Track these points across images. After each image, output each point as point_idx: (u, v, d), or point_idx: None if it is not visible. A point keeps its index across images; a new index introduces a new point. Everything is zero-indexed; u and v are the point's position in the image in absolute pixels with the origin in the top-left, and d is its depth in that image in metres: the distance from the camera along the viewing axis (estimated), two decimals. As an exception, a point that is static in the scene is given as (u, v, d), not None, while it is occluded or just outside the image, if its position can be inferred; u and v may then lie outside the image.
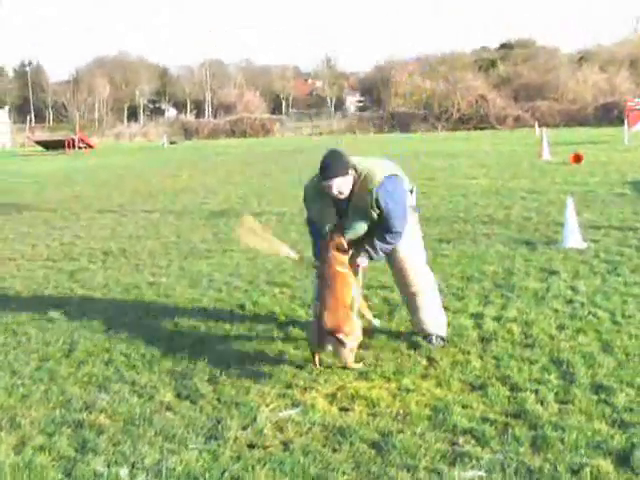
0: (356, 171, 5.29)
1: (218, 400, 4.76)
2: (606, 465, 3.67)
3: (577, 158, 19.96)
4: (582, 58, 69.45)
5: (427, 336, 5.69)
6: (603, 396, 4.53)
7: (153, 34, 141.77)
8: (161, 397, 4.86)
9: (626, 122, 29.84)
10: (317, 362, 5.25)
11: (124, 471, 3.80)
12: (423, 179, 16.89)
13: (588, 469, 3.62)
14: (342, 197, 5.29)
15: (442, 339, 5.68)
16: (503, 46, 77.49)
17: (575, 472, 3.62)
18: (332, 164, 5.23)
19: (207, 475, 3.74)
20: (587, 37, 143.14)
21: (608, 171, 17.65)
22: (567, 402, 4.48)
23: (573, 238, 9.05)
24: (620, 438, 3.95)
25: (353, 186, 5.29)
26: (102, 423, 4.47)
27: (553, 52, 72.46)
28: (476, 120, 57.68)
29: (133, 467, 3.87)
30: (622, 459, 3.74)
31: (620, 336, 5.63)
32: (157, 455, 3.99)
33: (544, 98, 61.41)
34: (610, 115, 53.66)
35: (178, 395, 4.91)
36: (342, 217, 5.42)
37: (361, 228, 5.43)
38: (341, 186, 5.23)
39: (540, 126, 32.69)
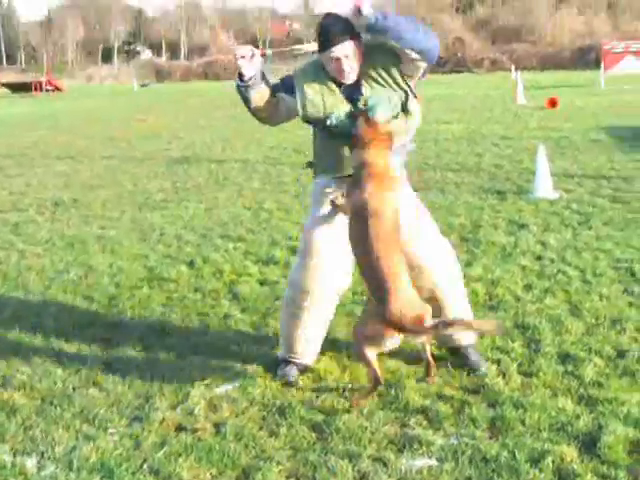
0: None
1: (150, 374, 4.31)
2: (570, 452, 3.26)
3: (552, 103, 19.48)
4: (561, 0, 68.33)
5: None
6: (570, 367, 4.13)
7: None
8: (87, 370, 4.40)
9: (602, 65, 29.29)
10: (380, 377, 3.80)
11: (31, 461, 3.35)
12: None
13: (550, 458, 3.20)
14: (352, 78, 3.87)
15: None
16: (481, -13, 75.91)
17: (535, 461, 3.21)
18: (333, 25, 3.81)
19: (124, 466, 3.29)
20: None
21: (583, 116, 17.21)
22: (531, 375, 4.08)
23: (544, 188, 8.63)
24: (587, 418, 3.55)
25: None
26: (17, 402, 4.00)
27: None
28: (452, 63, 56.85)
29: (42, 456, 3.42)
30: (588, 444, 3.34)
31: (590, 297, 5.24)
32: (72, 442, 3.54)
33: (521, 41, 60.55)
34: (587, 58, 53.13)
35: (107, 367, 4.45)
36: (355, 103, 3.92)
37: (388, 106, 3.89)
38: (350, 55, 3.80)
39: (517, 69, 32.02)
